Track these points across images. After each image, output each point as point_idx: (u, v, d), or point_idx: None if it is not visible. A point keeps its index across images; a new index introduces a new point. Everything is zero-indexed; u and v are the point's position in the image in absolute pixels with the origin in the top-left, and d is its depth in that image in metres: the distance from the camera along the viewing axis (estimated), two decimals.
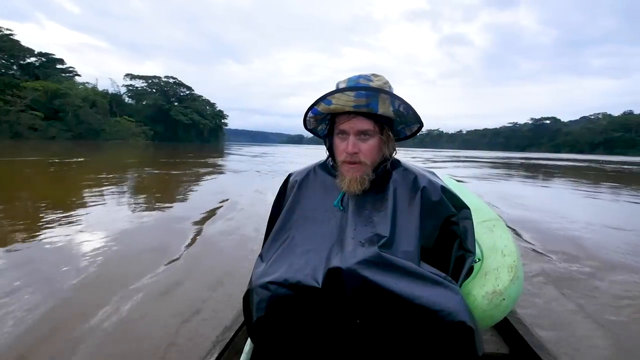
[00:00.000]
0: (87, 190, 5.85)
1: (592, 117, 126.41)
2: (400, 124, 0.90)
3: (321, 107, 0.85)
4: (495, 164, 20.32)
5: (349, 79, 0.84)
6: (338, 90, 0.81)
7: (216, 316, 1.85)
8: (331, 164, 0.96)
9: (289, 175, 1.03)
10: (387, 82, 0.84)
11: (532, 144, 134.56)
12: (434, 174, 0.94)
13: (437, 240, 0.83)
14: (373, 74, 0.84)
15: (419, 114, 0.85)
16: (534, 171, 15.44)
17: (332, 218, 0.86)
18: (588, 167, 19.94)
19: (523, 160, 29.01)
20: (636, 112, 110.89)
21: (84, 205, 4.65)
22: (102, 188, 6.04)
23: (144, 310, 1.92)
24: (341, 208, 0.87)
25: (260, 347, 0.80)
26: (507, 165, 20.17)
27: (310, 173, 0.98)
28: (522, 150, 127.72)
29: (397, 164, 0.92)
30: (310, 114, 0.89)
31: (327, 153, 0.95)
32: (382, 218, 0.82)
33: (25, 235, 3.19)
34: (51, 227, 3.46)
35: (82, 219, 3.87)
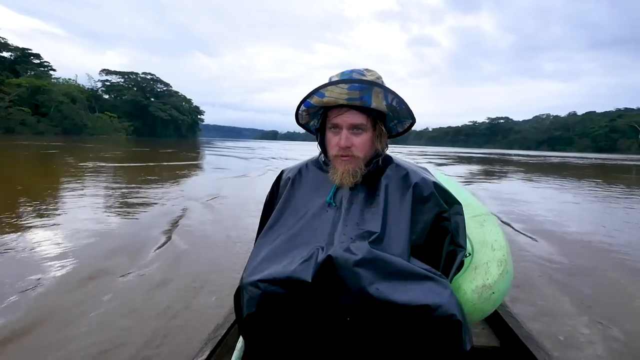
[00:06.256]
0: None
1: (544, 116, 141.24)
2: (393, 119, 0.90)
3: (314, 100, 0.84)
4: (463, 159, 26.39)
5: (342, 73, 0.84)
6: (331, 83, 0.81)
7: None
8: (323, 159, 0.95)
9: (282, 172, 1.03)
10: (380, 77, 0.84)
11: (489, 141, 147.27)
12: (426, 170, 0.95)
13: (429, 236, 0.84)
14: (366, 69, 0.84)
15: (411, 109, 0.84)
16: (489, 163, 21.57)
17: (324, 214, 0.87)
18: (517, 160, 26.82)
19: (481, 155, 35.55)
20: (579, 113, 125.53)
21: None
22: None
23: None
24: (333, 204, 0.87)
25: (251, 344, 0.80)
26: (468, 159, 26.41)
27: (302, 169, 0.99)
28: (480, 146, 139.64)
29: (389, 159, 0.92)
30: (302, 108, 0.89)
31: (319, 148, 0.94)
32: (374, 214, 0.83)
33: None
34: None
35: None
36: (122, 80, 76.76)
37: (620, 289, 2.45)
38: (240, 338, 0.91)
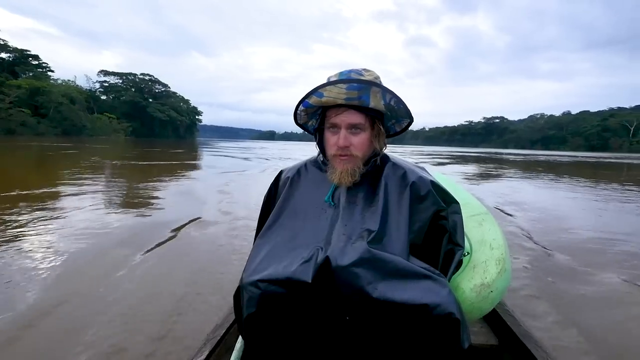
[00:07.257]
0: None
1: (538, 116, 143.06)
2: (391, 118, 0.91)
3: (313, 100, 0.85)
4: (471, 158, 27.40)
5: (341, 73, 0.85)
6: (330, 83, 0.82)
7: None
8: (322, 159, 0.96)
9: (281, 172, 1.03)
10: (378, 77, 0.85)
11: (484, 141, 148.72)
12: (423, 169, 0.96)
13: (427, 235, 0.84)
14: (364, 69, 0.85)
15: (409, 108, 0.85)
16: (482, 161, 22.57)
17: (323, 213, 0.87)
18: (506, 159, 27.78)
19: (477, 154, 37.14)
20: (573, 112, 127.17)
21: None
22: None
23: None
24: (332, 203, 0.88)
25: (251, 344, 0.80)
26: (463, 157, 27.36)
27: (301, 169, 0.99)
28: (476, 146, 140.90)
29: (386, 159, 0.93)
30: (301, 108, 0.89)
31: (317, 148, 0.94)
32: (372, 213, 0.83)
33: None
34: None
35: None
36: (120, 81, 77.01)
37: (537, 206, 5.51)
38: (240, 338, 0.91)
